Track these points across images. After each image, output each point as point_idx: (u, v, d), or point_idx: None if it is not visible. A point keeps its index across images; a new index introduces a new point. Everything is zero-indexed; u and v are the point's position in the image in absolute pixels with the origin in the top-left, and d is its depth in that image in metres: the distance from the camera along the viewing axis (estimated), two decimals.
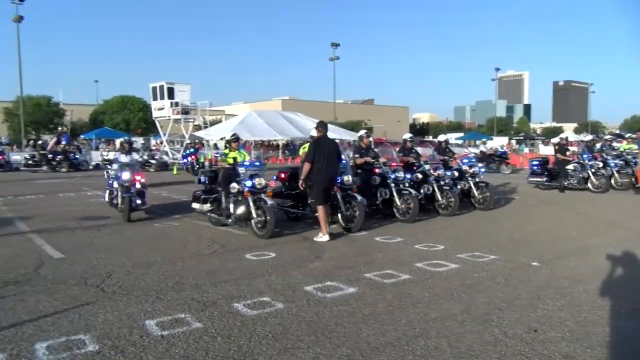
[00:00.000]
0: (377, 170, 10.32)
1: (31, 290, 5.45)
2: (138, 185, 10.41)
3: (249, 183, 8.46)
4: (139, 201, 10.28)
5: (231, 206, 8.80)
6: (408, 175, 10.50)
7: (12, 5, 39.63)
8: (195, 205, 9.86)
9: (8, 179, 21.96)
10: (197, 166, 24.32)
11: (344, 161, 9.54)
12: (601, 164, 15.80)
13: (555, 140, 18.53)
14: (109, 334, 4.19)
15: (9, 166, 28.10)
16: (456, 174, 11.78)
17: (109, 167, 16.07)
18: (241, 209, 8.58)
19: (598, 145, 18.73)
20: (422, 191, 10.66)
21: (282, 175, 10.25)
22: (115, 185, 10.56)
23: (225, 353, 3.85)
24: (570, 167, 16.01)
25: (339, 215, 9.05)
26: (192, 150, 27.84)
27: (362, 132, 11.42)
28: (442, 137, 13.84)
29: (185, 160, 27.16)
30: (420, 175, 10.98)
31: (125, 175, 10.27)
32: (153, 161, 28.82)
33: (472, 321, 4.51)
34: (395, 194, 9.96)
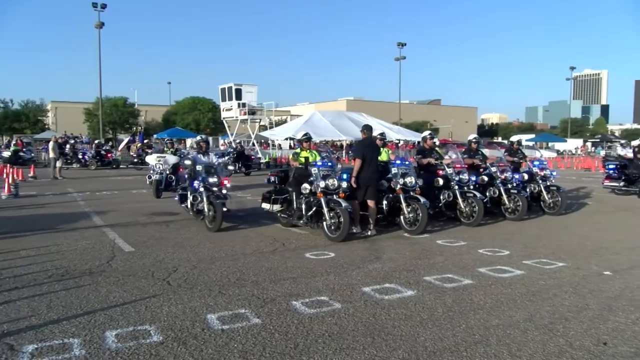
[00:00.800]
0: (440, 172, 10.12)
1: (104, 281, 5.78)
2: (224, 190, 9.46)
3: (322, 184, 8.32)
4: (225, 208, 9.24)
5: (303, 207, 8.67)
6: (473, 178, 10.24)
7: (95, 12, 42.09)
8: (265, 205, 9.70)
9: (88, 176, 23.35)
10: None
11: (406, 162, 9.47)
12: None
13: (636, 142, 17.39)
14: (173, 326, 4.37)
15: (116, 163, 29.89)
16: (526, 176, 11.38)
17: (153, 168, 14.93)
18: (313, 210, 8.47)
19: None
20: (487, 194, 10.36)
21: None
22: (201, 189, 9.27)
23: (282, 350, 3.91)
24: None
25: (401, 217, 8.95)
26: (230, 150, 26.51)
27: (426, 133, 11.25)
28: (514, 138, 13.39)
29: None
30: (486, 178, 10.67)
31: (213, 179, 9.29)
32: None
33: (535, 330, 4.34)
34: (458, 196, 9.73)
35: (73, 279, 5.87)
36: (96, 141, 33.75)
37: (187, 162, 10.23)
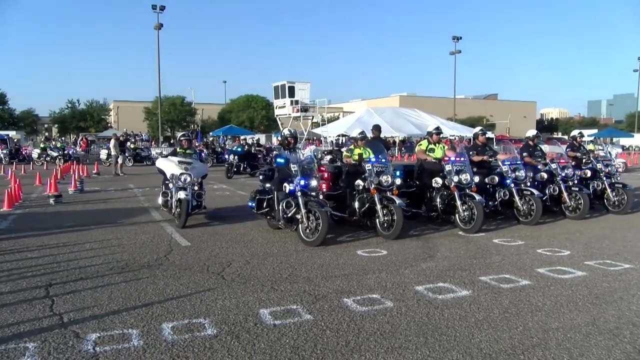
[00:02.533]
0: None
1: (161, 275, 5.96)
2: (320, 195, 8.23)
3: (375, 180, 8.21)
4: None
5: (356, 204, 8.57)
6: (530, 174, 9.89)
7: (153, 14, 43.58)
8: None
9: (147, 172, 24.19)
10: (229, 166, 21.86)
11: (462, 159, 9.26)
12: None
13: None
14: (226, 320, 4.45)
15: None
16: (588, 173, 10.87)
17: (174, 181, 9.34)
18: (366, 207, 8.35)
19: None
20: (546, 192, 9.98)
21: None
22: (298, 194, 7.71)
23: (334, 347, 3.90)
24: None
25: (456, 215, 8.75)
26: (237, 148, 23.53)
27: (477, 129, 10.95)
28: (575, 132, 12.81)
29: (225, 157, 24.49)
30: (545, 175, 10.28)
31: (313, 182, 7.92)
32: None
33: (599, 334, 4.13)
34: (515, 194, 9.42)
35: (132, 271, 6.09)
36: (208, 140, 34.53)
37: (280, 159, 8.17)
